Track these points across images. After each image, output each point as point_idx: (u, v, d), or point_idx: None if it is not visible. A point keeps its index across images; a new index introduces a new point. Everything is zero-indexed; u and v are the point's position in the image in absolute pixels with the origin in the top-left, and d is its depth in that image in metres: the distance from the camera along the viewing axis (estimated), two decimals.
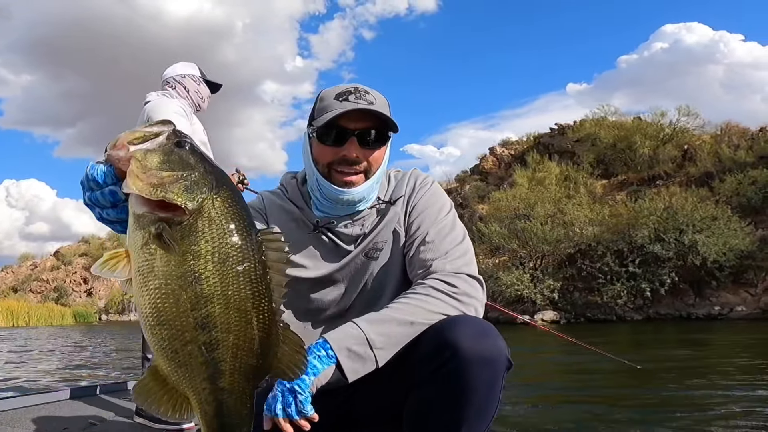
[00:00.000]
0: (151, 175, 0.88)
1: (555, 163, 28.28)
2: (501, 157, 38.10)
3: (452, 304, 1.39)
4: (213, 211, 0.89)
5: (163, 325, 0.88)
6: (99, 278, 47.59)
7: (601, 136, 29.90)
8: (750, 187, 21.15)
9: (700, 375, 6.13)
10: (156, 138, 0.92)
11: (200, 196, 0.89)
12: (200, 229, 0.88)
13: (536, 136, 36.73)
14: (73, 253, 51.98)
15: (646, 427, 3.87)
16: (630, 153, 28.34)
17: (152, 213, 0.88)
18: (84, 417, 3.00)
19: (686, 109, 29.22)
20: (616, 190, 27.43)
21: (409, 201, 1.61)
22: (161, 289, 0.87)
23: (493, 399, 1.30)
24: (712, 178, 23.35)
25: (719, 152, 25.11)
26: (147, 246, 0.87)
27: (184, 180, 0.89)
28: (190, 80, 3.44)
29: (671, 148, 27.62)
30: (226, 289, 0.88)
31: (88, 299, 47.18)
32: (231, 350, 0.89)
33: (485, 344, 1.28)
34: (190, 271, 0.87)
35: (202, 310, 0.87)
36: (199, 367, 0.89)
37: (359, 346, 1.31)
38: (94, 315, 43.74)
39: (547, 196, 22.93)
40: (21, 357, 11.22)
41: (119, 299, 44.03)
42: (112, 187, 0.94)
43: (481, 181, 35.92)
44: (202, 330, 0.88)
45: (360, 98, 1.46)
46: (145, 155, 0.89)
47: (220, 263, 0.88)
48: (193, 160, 0.92)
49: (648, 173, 27.42)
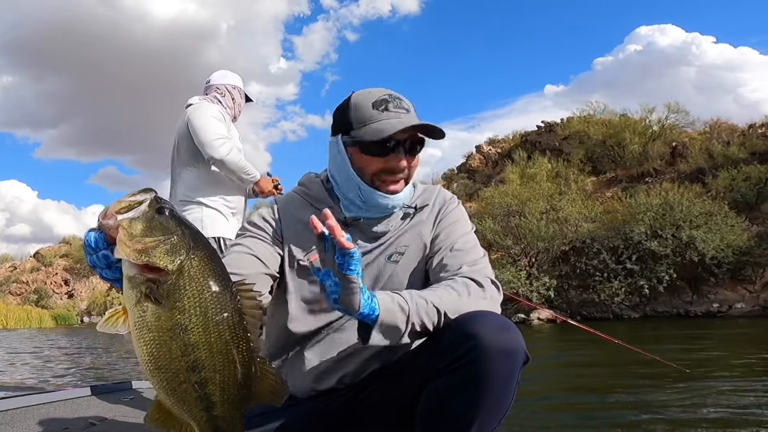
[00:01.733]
0: (136, 241, 1.01)
1: (546, 159, 28.05)
2: (488, 155, 38.34)
3: (482, 303, 1.44)
4: (192, 270, 1.02)
5: (159, 370, 1.02)
6: (80, 279, 47.32)
7: (590, 133, 29.85)
8: (743, 183, 21.01)
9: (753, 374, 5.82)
10: (139, 206, 1.04)
11: (179, 258, 1.02)
12: (182, 286, 1.01)
13: (523, 134, 36.66)
14: (54, 254, 50.95)
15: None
16: (619, 150, 28.31)
17: (141, 275, 1.01)
18: (84, 417, 2.98)
19: (675, 106, 29.46)
20: (605, 187, 27.34)
21: (439, 212, 1.67)
22: (155, 340, 1.01)
23: (509, 391, 1.34)
24: (704, 175, 23.26)
25: (710, 149, 25.06)
26: (140, 303, 1.01)
27: (164, 244, 1.01)
28: (238, 93, 3.61)
29: (660, 145, 27.61)
30: (209, 337, 1.02)
31: (69, 301, 46.34)
32: (219, 386, 1.04)
33: (506, 336, 1.32)
34: (177, 324, 1.01)
35: (191, 355, 1.02)
36: (195, 401, 1.04)
37: (400, 314, 1.33)
38: (76, 317, 42.97)
39: (540, 192, 22.60)
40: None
41: (102, 301, 43.08)
42: (105, 252, 1.07)
43: (468, 179, 35.93)
44: (193, 372, 1.02)
45: (399, 107, 1.53)
46: (130, 224, 1.02)
47: (202, 315, 1.02)
48: (172, 224, 1.04)
49: (637, 170, 27.40)
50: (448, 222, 1.65)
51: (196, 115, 3.28)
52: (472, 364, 1.29)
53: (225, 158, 3.21)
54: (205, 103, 3.40)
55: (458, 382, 1.31)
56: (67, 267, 48.59)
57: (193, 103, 3.40)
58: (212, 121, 3.26)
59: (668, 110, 29.20)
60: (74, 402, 3.33)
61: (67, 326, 36.95)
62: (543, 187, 23.16)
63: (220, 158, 3.20)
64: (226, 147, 3.22)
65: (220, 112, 3.38)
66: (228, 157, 3.22)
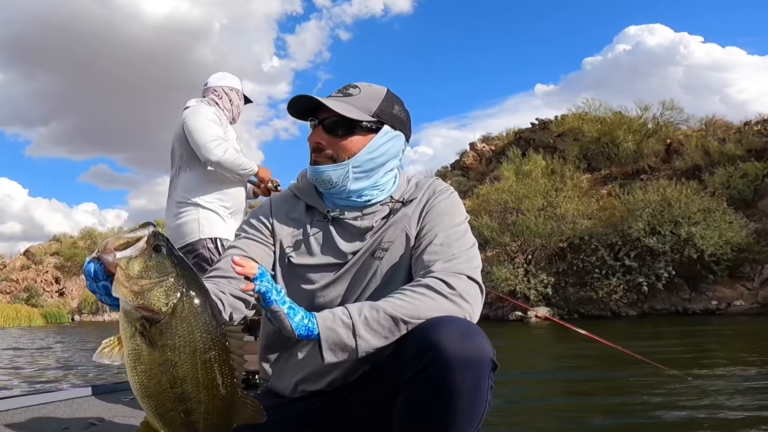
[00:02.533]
0: (133, 283, 1.06)
1: (541, 156, 27.98)
2: (482, 152, 38.48)
3: (445, 305, 1.37)
4: (184, 312, 1.09)
5: (150, 398, 1.11)
6: (71, 277, 46.90)
7: (584, 131, 29.80)
8: (740, 180, 20.96)
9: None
10: (137, 243, 1.08)
11: (173, 301, 1.08)
12: (174, 326, 1.08)
13: (517, 132, 36.66)
14: (44, 252, 50.43)
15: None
16: (613, 147, 28.30)
17: (136, 311, 1.07)
18: (84, 417, 3.00)
19: (670, 104, 29.45)
20: (600, 184, 27.29)
21: (425, 206, 1.62)
22: (146, 372, 1.09)
23: (479, 402, 1.29)
24: (701, 172, 23.23)
25: (707, 146, 24.99)
26: (134, 338, 1.08)
27: (160, 286, 1.08)
28: (236, 95, 3.62)
29: (654, 142, 27.66)
30: (196, 373, 1.10)
31: (60, 299, 45.72)
32: (203, 415, 1.13)
33: (468, 346, 1.27)
34: (168, 360, 1.08)
35: (179, 388, 1.10)
36: (180, 427, 1.13)
37: (343, 329, 1.32)
38: (67, 315, 42.56)
39: (537, 188, 22.47)
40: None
41: (93, 299, 42.76)
42: (104, 282, 1.14)
43: (462, 176, 35.97)
44: (180, 402, 1.11)
45: (341, 91, 1.61)
46: (128, 264, 1.07)
47: (190, 354, 1.09)
48: (168, 264, 1.10)
49: (632, 167, 27.35)
50: (433, 214, 1.59)
51: (192, 117, 3.31)
52: (435, 377, 1.26)
53: (221, 159, 3.24)
54: (201, 105, 3.42)
55: (425, 394, 1.29)
56: (58, 265, 48.13)
57: (190, 105, 3.43)
58: (207, 123, 3.29)
59: (663, 107, 29.25)
60: (74, 402, 3.35)
61: (57, 325, 36.58)
62: (539, 183, 23.02)
63: (216, 160, 3.23)
64: (221, 148, 3.23)
65: (216, 114, 3.41)
66: (224, 158, 3.24)
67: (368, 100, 1.59)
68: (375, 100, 1.60)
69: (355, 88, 1.60)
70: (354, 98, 1.58)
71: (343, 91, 1.60)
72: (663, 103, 29.36)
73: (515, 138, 35.67)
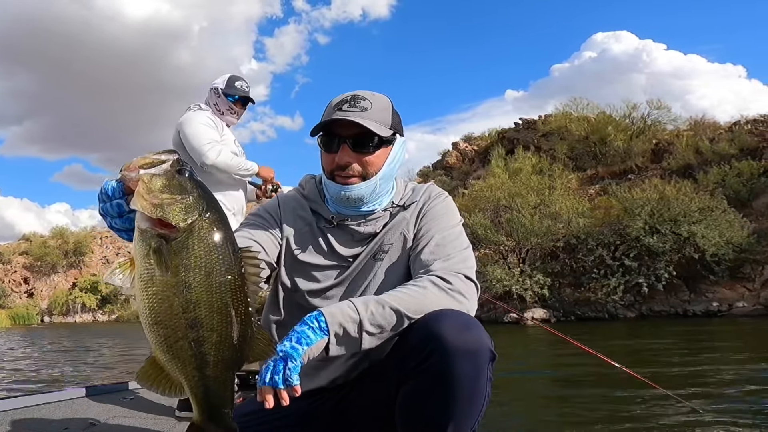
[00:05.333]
0: (154, 196, 1.02)
1: (530, 153, 27.58)
2: (464, 152, 38.64)
3: (445, 300, 1.42)
4: (201, 231, 1.04)
5: (159, 324, 1.03)
6: (41, 278, 45.85)
7: (571, 130, 29.66)
8: (735, 179, 20.63)
9: None
10: (162, 164, 1.06)
11: (191, 218, 1.03)
12: (190, 245, 1.02)
13: (500, 131, 36.79)
14: (13, 251, 49.13)
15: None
16: (602, 146, 28.19)
17: (153, 229, 1.02)
18: (84, 417, 3.00)
19: (657, 103, 29.55)
20: (587, 184, 27.01)
21: (421, 209, 1.67)
22: (158, 295, 1.02)
23: (479, 392, 1.32)
24: (693, 171, 23.02)
25: (698, 145, 24.89)
26: (148, 257, 1.02)
27: (179, 203, 1.03)
28: (212, 93, 3.58)
29: (642, 141, 27.61)
30: (210, 297, 1.03)
31: (29, 300, 44.83)
32: (215, 346, 1.05)
33: (468, 336, 1.30)
34: (181, 281, 1.02)
35: (191, 313, 1.03)
36: (189, 358, 1.05)
37: (351, 324, 1.34)
38: (36, 317, 41.68)
39: (529, 186, 21.91)
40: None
41: (63, 300, 42.10)
42: (119, 201, 1.11)
43: (446, 176, 35.91)
44: (191, 329, 1.03)
45: (354, 106, 1.56)
46: (151, 179, 1.04)
47: (206, 275, 1.03)
48: (190, 185, 1.06)
49: (619, 167, 27.24)
50: (430, 217, 1.65)
51: (186, 124, 3.36)
52: (436, 366, 1.29)
53: (216, 162, 3.24)
54: (194, 113, 3.46)
55: (427, 385, 1.32)
56: (27, 265, 46.93)
57: (184, 114, 3.48)
58: (201, 128, 3.33)
59: (650, 107, 29.27)
60: (74, 402, 3.37)
61: (25, 326, 35.40)
62: (532, 180, 22.49)
63: (211, 163, 3.24)
64: (214, 151, 3.24)
65: (209, 117, 3.45)
66: (218, 159, 3.25)
67: (382, 111, 1.59)
68: (387, 111, 1.60)
69: (365, 100, 1.58)
70: (371, 112, 1.56)
71: (357, 104, 1.56)
72: (650, 102, 29.47)
73: (498, 138, 35.70)
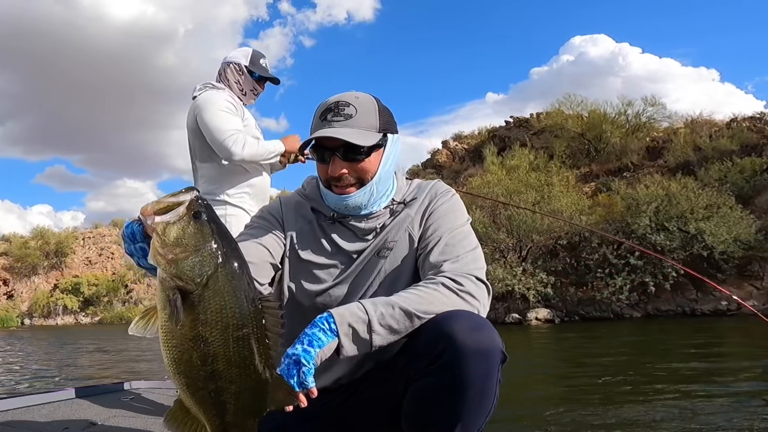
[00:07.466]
0: (168, 251, 1.01)
1: (527, 150, 27.21)
2: (455, 150, 38.57)
3: (456, 301, 1.40)
4: (217, 285, 1.03)
5: (181, 374, 1.06)
6: (21, 279, 44.92)
7: (567, 127, 29.51)
8: (738, 175, 20.32)
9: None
10: (177, 208, 1.03)
11: (207, 273, 1.02)
12: (207, 299, 1.03)
13: (491, 129, 37.01)
14: None
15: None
16: (597, 143, 28.08)
17: (171, 280, 1.02)
18: (84, 417, 2.93)
19: (652, 100, 29.50)
20: (581, 182, 26.75)
21: (428, 207, 1.64)
22: (178, 347, 1.04)
23: (489, 391, 1.32)
24: (693, 167, 22.74)
25: (697, 142, 24.72)
26: (167, 309, 1.02)
27: (195, 256, 1.02)
28: (232, 70, 3.26)
29: (638, 138, 27.65)
30: (227, 351, 1.04)
31: (8, 302, 43.66)
32: (234, 395, 1.07)
33: (480, 337, 1.30)
34: (199, 335, 1.03)
35: (209, 366, 1.04)
36: (210, 406, 1.07)
37: (361, 325, 1.33)
38: (16, 319, 40.63)
39: (528, 182, 21.42)
40: None
41: (44, 302, 41.27)
42: (142, 244, 1.14)
43: (436, 175, 35.53)
44: (211, 380, 1.05)
45: (338, 114, 1.52)
46: (165, 229, 1.02)
47: (222, 330, 1.04)
48: (207, 233, 1.04)
49: (614, 164, 27.20)
50: (436, 216, 1.60)
51: (204, 109, 3.08)
52: (447, 366, 1.29)
53: (243, 156, 3.05)
54: (211, 92, 3.17)
55: (437, 384, 1.31)
56: (7, 266, 45.84)
57: (197, 94, 3.20)
58: (222, 116, 3.07)
59: (645, 104, 29.13)
60: (74, 402, 3.35)
61: (5, 329, 34.42)
62: (531, 177, 22.02)
63: (238, 159, 3.05)
64: (238, 144, 3.02)
65: (229, 100, 3.17)
66: (245, 153, 3.05)
67: (368, 116, 1.54)
68: (373, 114, 1.56)
69: (349, 106, 1.53)
70: (356, 119, 1.52)
71: (341, 113, 1.52)
72: (645, 99, 29.33)
73: (489, 136, 35.86)
